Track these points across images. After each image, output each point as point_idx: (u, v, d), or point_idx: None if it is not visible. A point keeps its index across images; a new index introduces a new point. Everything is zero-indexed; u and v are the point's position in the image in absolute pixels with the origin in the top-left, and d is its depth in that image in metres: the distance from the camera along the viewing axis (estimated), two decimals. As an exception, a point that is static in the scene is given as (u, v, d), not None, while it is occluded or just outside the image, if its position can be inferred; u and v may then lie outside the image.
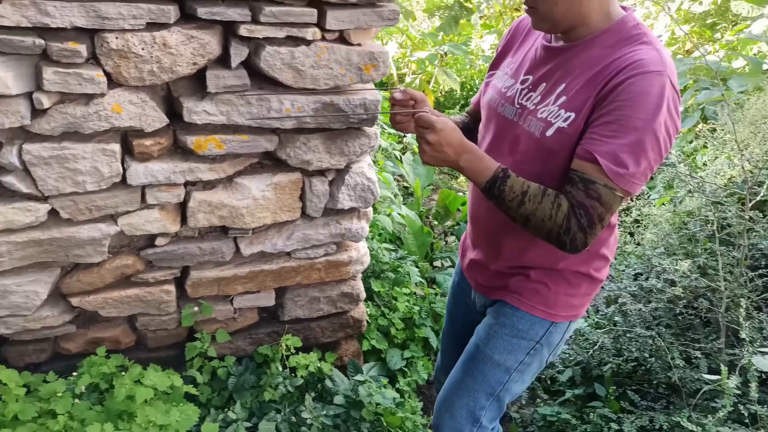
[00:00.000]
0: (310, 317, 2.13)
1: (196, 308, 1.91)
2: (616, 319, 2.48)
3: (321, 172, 1.86)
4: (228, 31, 1.60)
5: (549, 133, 1.29)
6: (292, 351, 2.04)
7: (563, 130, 1.27)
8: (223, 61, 1.62)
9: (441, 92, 5.40)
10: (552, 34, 1.37)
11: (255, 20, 1.55)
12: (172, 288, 1.88)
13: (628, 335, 2.35)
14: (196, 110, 1.63)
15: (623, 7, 1.33)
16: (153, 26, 1.49)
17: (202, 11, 1.49)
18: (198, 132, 1.67)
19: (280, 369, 1.97)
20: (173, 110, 1.67)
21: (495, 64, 1.57)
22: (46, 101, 1.47)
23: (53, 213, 1.63)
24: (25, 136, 1.54)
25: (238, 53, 1.59)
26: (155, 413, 1.58)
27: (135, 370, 1.71)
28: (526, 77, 1.39)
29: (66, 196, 1.61)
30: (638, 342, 2.31)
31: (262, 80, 1.67)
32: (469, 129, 1.63)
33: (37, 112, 1.50)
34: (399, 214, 3.13)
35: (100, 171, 1.60)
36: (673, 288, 2.34)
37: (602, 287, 2.42)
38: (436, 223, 3.71)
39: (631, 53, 1.20)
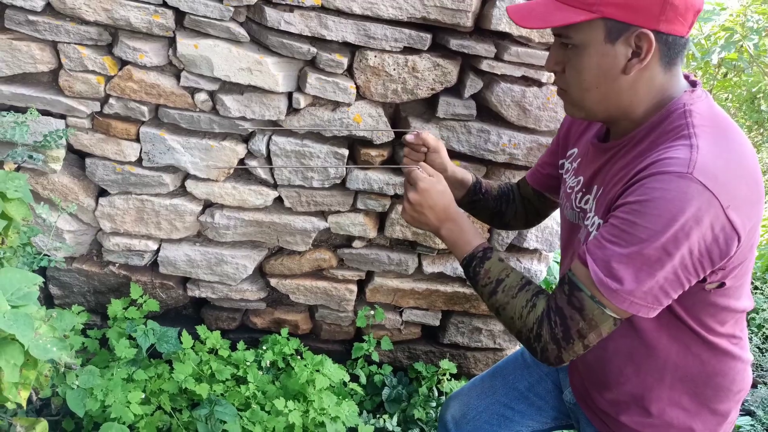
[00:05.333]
0: (468, 346, 2.16)
1: (372, 312, 2.01)
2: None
3: (517, 209, 1.90)
4: (466, 63, 1.70)
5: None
6: (448, 377, 2.09)
7: None
8: (454, 90, 1.72)
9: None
10: (590, 121, 1.19)
11: (498, 57, 1.63)
12: (354, 288, 2.00)
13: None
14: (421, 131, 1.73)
15: (688, 79, 1.06)
16: (407, 50, 1.62)
17: (454, 43, 1.60)
18: (416, 151, 1.78)
19: (436, 394, 2.01)
20: (395, 127, 1.79)
21: (560, 151, 1.36)
22: (302, 102, 1.65)
23: (278, 200, 1.81)
24: (274, 129, 1.72)
25: (473, 85, 1.68)
26: (329, 402, 1.68)
27: (309, 357, 1.84)
28: (579, 178, 1.20)
29: (293, 188, 1.78)
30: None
31: (483, 112, 1.75)
32: (475, 193, 1.44)
33: (290, 110, 1.68)
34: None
35: (327, 171, 1.75)
36: None
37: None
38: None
39: (661, 150, 0.95)
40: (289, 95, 1.66)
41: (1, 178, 1.02)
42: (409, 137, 1.33)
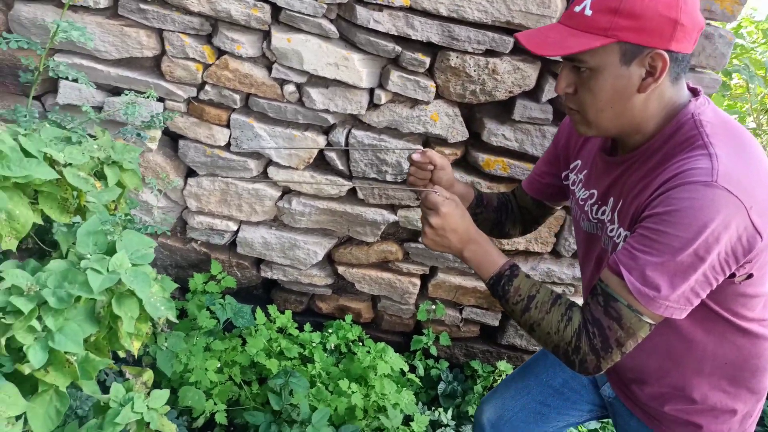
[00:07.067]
0: (526, 349, 2.17)
1: (433, 307, 2.06)
2: None
3: (586, 216, 1.91)
4: (545, 68, 1.72)
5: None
6: (504, 378, 2.10)
7: None
8: (532, 94, 1.75)
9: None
10: (600, 136, 1.20)
11: (578, 64, 1.65)
12: (418, 282, 2.05)
13: None
14: (495, 132, 1.77)
15: (691, 89, 1.10)
16: (488, 53, 1.66)
17: (536, 47, 1.63)
18: (489, 152, 1.82)
19: (491, 390, 2.04)
20: (469, 127, 1.83)
21: (561, 163, 1.37)
22: (383, 98, 1.71)
23: (352, 192, 1.89)
24: (353, 122, 1.80)
25: (551, 90, 1.70)
26: (390, 389, 1.74)
27: (370, 344, 1.90)
28: (592, 191, 1.23)
29: (367, 180, 1.85)
30: None
31: (559, 118, 1.76)
32: (478, 206, 1.45)
33: (370, 105, 1.75)
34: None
35: (401, 165, 1.81)
36: None
37: None
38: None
39: (681, 162, 1.00)
40: (371, 91, 1.73)
41: (119, 149, 1.12)
42: (416, 156, 1.30)
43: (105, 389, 1.03)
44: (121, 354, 1.00)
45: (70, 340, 0.88)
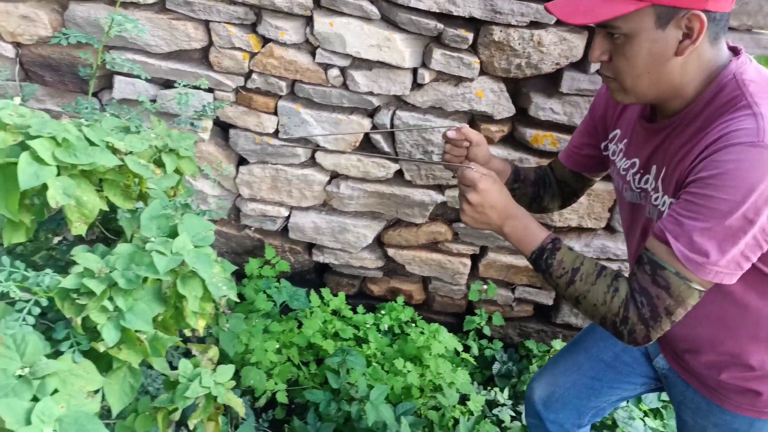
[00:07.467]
0: (581, 327, 2.14)
1: (484, 287, 2.05)
2: None
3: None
4: (592, 37, 1.67)
5: None
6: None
7: None
8: (579, 65, 1.71)
9: None
10: (638, 104, 1.17)
11: (628, 30, 1.59)
12: (468, 262, 2.04)
13: None
14: (543, 107, 1.74)
15: (731, 48, 1.06)
16: (533, 25, 1.63)
17: (583, 16, 1.58)
18: (537, 127, 1.79)
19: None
20: (514, 103, 1.80)
21: (599, 133, 1.34)
22: (427, 77, 1.70)
23: (398, 173, 1.89)
24: (398, 104, 1.80)
25: (600, 59, 1.65)
26: (445, 368, 1.74)
27: (422, 325, 1.91)
28: (633, 160, 1.20)
29: (414, 162, 1.85)
30: None
31: (609, 88, 1.72)
32: (515, 181, 1.42)
33: (414, 86, 1.74)
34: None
35: (448, 145, 1.80)
36: None
37: None
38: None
39: (725, 124, 0.97)
40: (414, 71, 1.72)
41: (176, 137, 1.16)
42: (450, 133, 1.29)
43: (172, 368, 1.08)
44: (187, 333, 1.04)
45: (140, 319, 0.92)
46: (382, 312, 1.98)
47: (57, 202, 0.88)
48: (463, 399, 1.92)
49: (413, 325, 1.98)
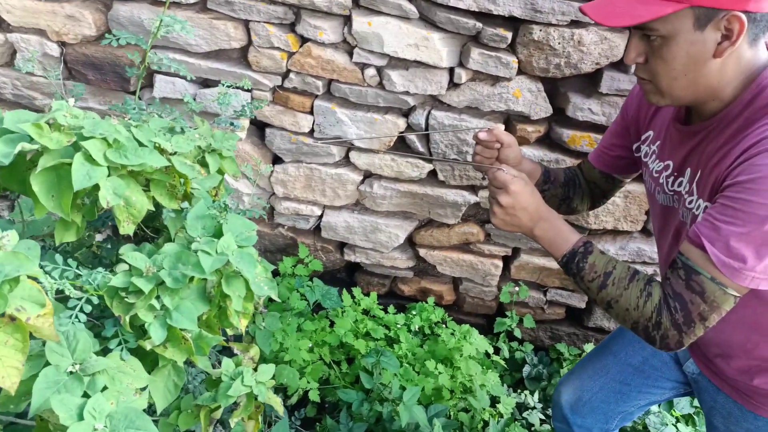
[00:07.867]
0: (614, 331, 2.11)
1: (516, 288, 2.03)
2: None
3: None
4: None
5: None
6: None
7: None
8: (619, 64, 1.68)
9: None
10: (673, 106, 1.13)
11: (672, 31, 1.56)
12: (500, 264, 2.03)
13: None
14: (581, 107, 1.71)
15: None
16: (574, 24, 1.61)
17: (625, 16, 1.55)
18: (574, 128, 1.76)
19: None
20: (552, 103, 1.78)
21: (631, 135, 1.32)
22: (463, 76, 1.69)
23: (432, 173, 1.88)
24: (433, 104, 1.79)
25: (641, 60, 1.62)
26: (476, 370, 1.73)
27: (453, 326, 1.90)
28: (667, 162, 1.17)
29: (447, 162, 1.84)
30: None
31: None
32: (545, 182, 1.40)
33: (450, 85, 1.73)
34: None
35: (483, 145, 1.78)
36: None
37: None
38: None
39: (764, 127, 0.94)
40: (450, 71, 1.71)
41: (219, 137, 1.17)
42: (482, 135, 1.27)
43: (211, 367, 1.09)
44: (230, 332, 1.05)
45: (186, 318, 0.93)
46: (413, 312, 1.98)
47: (108, 202, 0.89)
48: (493, 401, 1.91)
49: (444, 326, 1.97)
